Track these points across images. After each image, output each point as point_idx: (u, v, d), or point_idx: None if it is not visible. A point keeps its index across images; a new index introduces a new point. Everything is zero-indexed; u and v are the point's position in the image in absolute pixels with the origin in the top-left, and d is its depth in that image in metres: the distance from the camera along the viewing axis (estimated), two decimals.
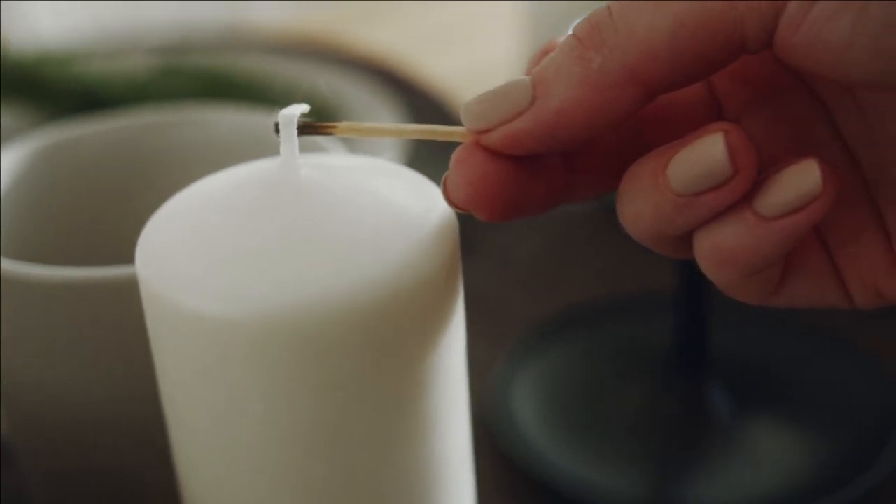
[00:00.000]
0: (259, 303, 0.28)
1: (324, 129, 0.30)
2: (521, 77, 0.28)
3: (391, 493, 0.32)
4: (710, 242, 0.27)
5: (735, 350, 0.52)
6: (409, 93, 0.76)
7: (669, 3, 0.26)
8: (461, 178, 0.28)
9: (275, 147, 0.31)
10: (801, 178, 0.26)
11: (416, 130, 0.30)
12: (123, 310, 0.36)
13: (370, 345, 0.29)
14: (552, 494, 0.46)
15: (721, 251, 0.27)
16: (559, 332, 0.55)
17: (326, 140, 0.43)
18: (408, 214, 0.30)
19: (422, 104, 0.74)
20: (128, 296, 0.35)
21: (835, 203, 0.27)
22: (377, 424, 0.30)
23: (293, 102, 0.31)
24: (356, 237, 0.29)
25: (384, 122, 0.33)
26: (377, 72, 0.80)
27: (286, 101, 0.66)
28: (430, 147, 0.29)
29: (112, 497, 0.42)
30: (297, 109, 0.30)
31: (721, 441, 0.48)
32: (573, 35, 0.27)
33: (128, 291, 0.35)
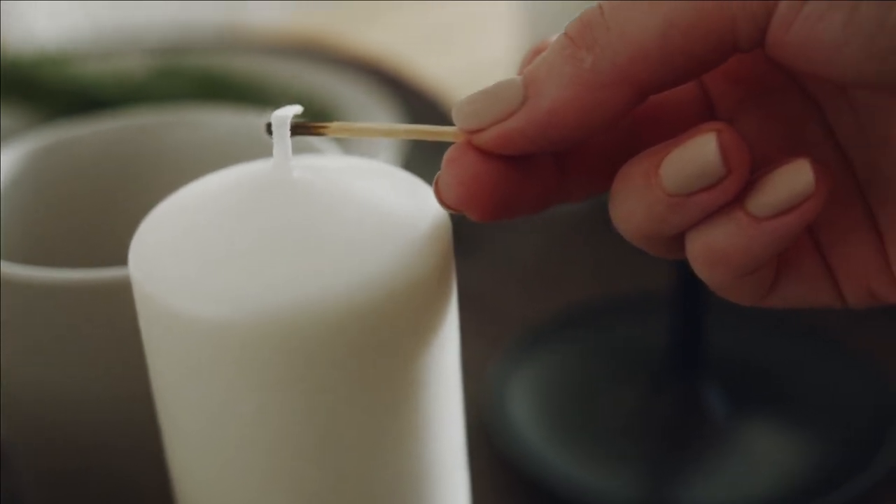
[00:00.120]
0: (250, 305, 0.28)
1: (315, 130, 0.30)
2: (513, 77, 0.28)
3: (383, 495, 0.32)
4: (703, 243, 0.27)
5: (730, 351, 0.52)
6: (406, 93, 0.76)
7: (661, 3, 0.26)
8: (453, 179, 0.28)
9: (270, 148, 0.31)
10: (794, 178, 0.26)
11: (408, 130, 0.30)
12: (118, 311, 0.36)
13: (362, 347, 0.29)
14: (547, 495, 0.46)
15: (713, 252, 0.27)
16: (555, 333, 0.55)
17: (321, 141, 0.43)
18: (400, 216, 0.30)
19: (418, 105, 0.74)
20: (122, 297, 0.35)
21: (827, 203, 0.27)
22: (369, 426, 0.30)
23: (288, 103, 0.31)
24: (348, 239, 0.29)
25: (376, 123, 0.33)
26: (373, 72, 0.80)
27: (282, 102, 0.66)
28: (426, 147, 0.29)
29: (107, 497, 0.42)
30: (290, 111, 0.30)
31: (716, 442, 0.48)
32: (565, 34, 0.27)
33: (122, 293, 0.35)
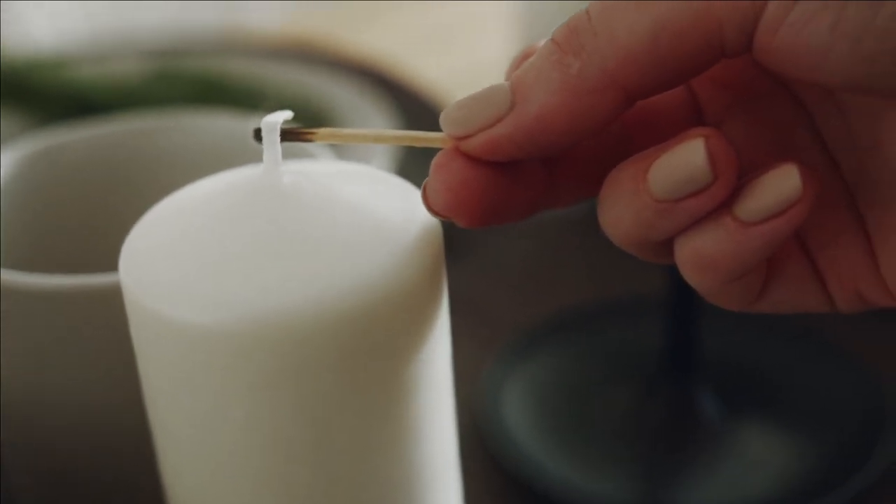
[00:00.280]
0: (240, 311, 0.28)
1: (304, 136, 0.30)
2: (501, 83, 0.28)
3: (376, 500, 0.32)
4: (691, 248, 0.27)
5: (724, 354, 0.52)
6: (402, 96, 0.76)
7: (648, 8, 0.26)
8: (441, 185, 0.28)
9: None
10: (781, 183, 0.26)
11: (396, 136, 0.30)
12: (109, 316, 0.36)
13: (353, 352, 0.29)
14: (541, 498, 0.46)
15: (701, 257, 0.27)
16: (548, 336, 0.55)
17: (314, 146, 0.43)
18: (391, 221, 0.30)
19: (414, 108, 0.74)
20: (114, 302, 0.35)
21: (815, 207, 0.27)
22: (360, 431, 0.30)
23: (284, 107, 0.31)
24: (339, 244, 0.29)
25: (364, 129, 0.33)
26: (370, 75, 0.80)
27: (278, 106, 0.66)
28: (421, 152, 0.29)
29: (102, 500, 0.42)
30: (280, 116, 0.30)
31: (710, 445, 0.48)
32: (552, 40, 0.27)
33: (114, 298, 0.35)
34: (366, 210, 0.30)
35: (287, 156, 0.31)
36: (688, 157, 0.26)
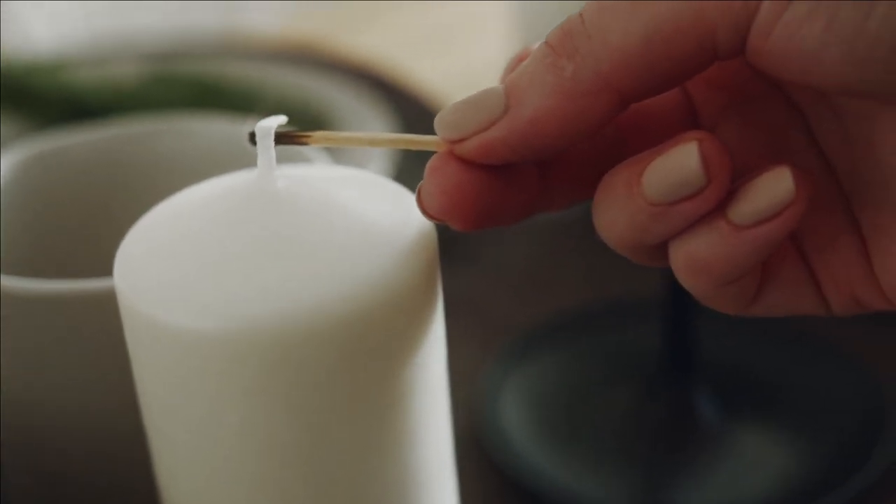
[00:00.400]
0: (234, 316, 0.28)
1: (298, 139, 0.30)
2: (495, 86, 0.28)
3: None
4: (685, 252, 0.27)
5: (723, 355, 0.52)
6: (401, 99, 0.76)
7: (642, 11, 0.26)
8: (435, 188, 0.28)
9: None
10: (774, 186, 0.26)
11: (391, 140, 0.30)
12: (105, 321, 0.36)
13: (348, 356, 0.29)
14: (539, 500, 0.46)
15: (695, 261, 0.27)
16: (547, 338, 0.55)
17: (310, 150, 0.43)
18: (386, 225, 0.30)
19: (412, 110, 0.74)
20: (110, 307, 0.35)
21: (808, 210, 0.26)
22: (355, 436, 0.30)
23: (282, 110, 0.31)
24: (333, 249, 0.29)
25: (359, 132, 0.33)
26: (368, 78, 0.80)
27: (276, 109, 0.65)
28: (418, 155, 0.29)
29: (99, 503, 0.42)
30: (274, 121, 0.30)
31: (708, 446, 0.48)
32: (546, 43, 0.27)
33: (110, 302, 0.35)
34: (360, 214, 0.30)
35: (284, 159, 0.31)
36: (682, 161, 0.26)
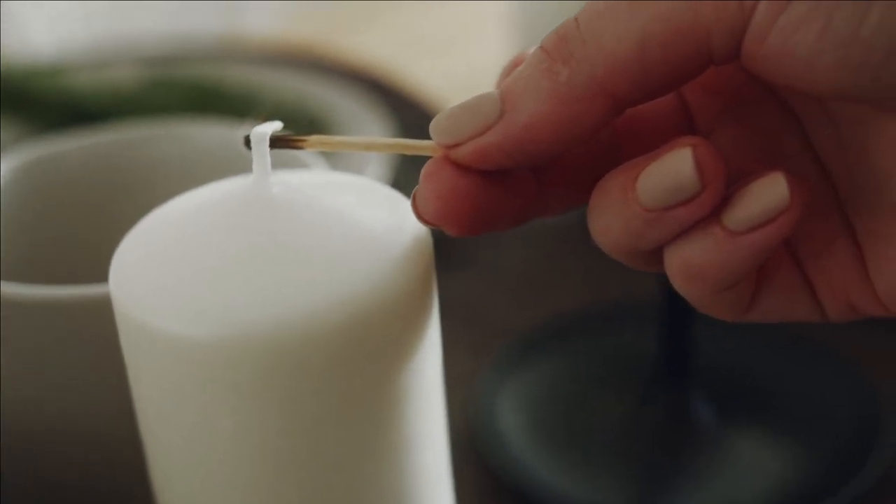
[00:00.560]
0: (228, 322, 0.28)
1: (294, 143, 0.30)
2: (490, 91, 0.28)
3: None
4: (680, 258, 0.27)
5: (719, 360, 0.52)
6: (399, 102, 0.76)
7: (637, 16, 0.26)
8: (430, 193, 0.28)
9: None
10: (768, 192, 0.26)
11: (387, 144, 0.30)
12: (102, 326, 0.36)
13: (342, 363, 0.29)
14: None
15: (690, 267, 0.27)
16: (544, 342, 0.55)
17: (307, 155, 0.43)
18: (381, 231, 0.30)
19: (411, 114, 0.74)
20: (107, 312, 0.35)
21: (803, 216, 0.26)
22: (349, 442, 0.30)
23: (280, 114, 0.31)
24: (328, 255, 0.29)
25: (355, 136, 0.33)
26: (367, 81, 0.80)
27: (274, 113, 0.65)
28: (418, 160, 0.29)
29: None
30: (269, 127, 0.30)
31: (705, 450, 0.48)
32: (541, 48, 0.27)
33: (107, 308, 0.35)
34: (355, 220, 0.30)
35: (280, 164, 0.31)
36: (676, 167, 0.26)
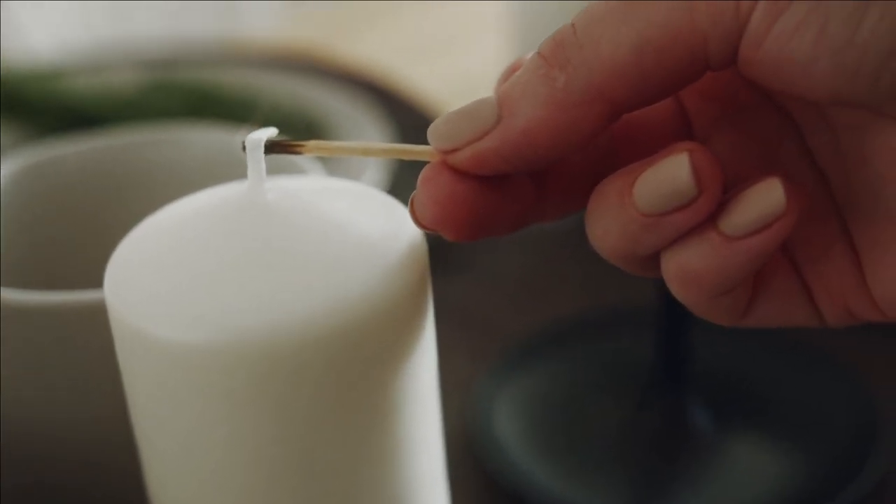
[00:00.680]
0: (222, 328, 0.28)
1: (292, 149, 0.30)
2: (487, 96, 0.28)
3: None
4: (677, 263, 0.27)
5: (716, 365, 0.52)
6: (398, 107, 0.76)
7: (634, 21, 0.26)
8: (428, 198, 0.28)
9: None
10: (765, 198, 0.26)
11: (384, 150, 0.30)
12: (97, 332, 0.36)
13: (337, 370, 0.29)
14: None
15: (687, 272, 0.27)
16: (542, 347, 0.55)
17: (305, 160, 0.43)
18: (376, 237, 0.30)
19: (410, 118, 0.74)
20: (103, 318, 0.35)
21: (799, 222, 0.26)
22: (343, 449, 0.30)
23: (278, 118, 0.31)
24: (322, 262, 0.29)
25: (353, 142, 0.33)
26: (365, 85, 0.80)
27: (273, 117, 0.65)
28: (416, 165, 0.29)
29: None
30: (264, 133, 0.30)
31: (702, 456, 0.48)
32: (538, 53, 0.27)
33: (103, 314, 0.35)
34: (350, 227, 0.30)
35: (277, 170, 0.31)
36: (672, 172, 0.26)
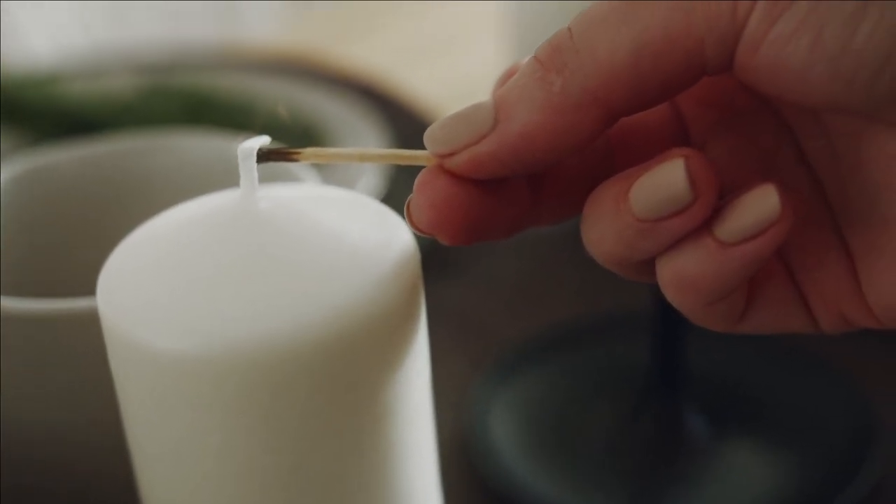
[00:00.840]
0: (214, 337, 0.28)
1: (288, 156, 0.30)
2: (484, 100, 0.28)
3: None
4: (672, 269, 0.27)
5: (712, 371, 0.52)
6: (395, 111, 0.76)
7: (630, 26, 0.26)
8: (424, 202, 0.28)
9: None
10: (760, 204, 0.26)
11: (381, 155, 0.30)
12: (90, 340, 0.36)
13: (329, 379, 0.29)
14: None
15: (682, 278, 0.27)
16: (538, 352, 0.54)
17: (300, 167, 0.43)
18: (368, 246, 0.30)
19: (407, 123, 0.74)
20: (94, 326, 0.35)
21: (794, 228, 0.27)
22: (335, 458, 0.30)
23: (276, 125, 0.31)
24: (314, 271, 0.29)
25: (349, 148, 0.33)
26: (364, 90, 0.80)
27: (271, 122, 0.65)
28: (412, 170, 0.29)
29: None
30: (257, 142, 0.30)
31: (698, 462, 0.48)
32: (534, 58, 0.27)
33: (95, 322, 0.35)
34: (342, 235, 0.30)
35: (273, 177, 0.31)
36: (668, 177, 0.26)
